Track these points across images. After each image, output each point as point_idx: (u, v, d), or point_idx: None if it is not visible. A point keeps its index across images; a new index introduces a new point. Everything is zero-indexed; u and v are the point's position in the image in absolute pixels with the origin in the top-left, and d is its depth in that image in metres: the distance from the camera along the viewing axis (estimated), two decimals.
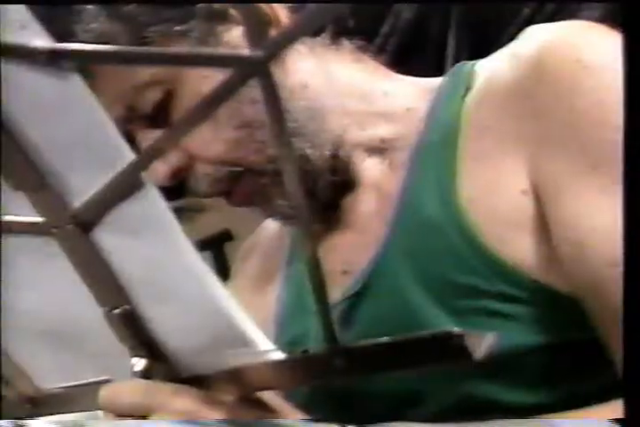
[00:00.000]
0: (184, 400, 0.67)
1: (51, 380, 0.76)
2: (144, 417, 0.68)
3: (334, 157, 0.94)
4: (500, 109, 0.86)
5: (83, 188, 0.63)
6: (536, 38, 0.86)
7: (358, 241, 0.94)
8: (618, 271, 0.77)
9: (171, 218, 0.62)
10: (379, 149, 0.95)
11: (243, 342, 0.65)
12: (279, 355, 0.65)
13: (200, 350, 0.67)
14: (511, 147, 0.85)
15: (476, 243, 0.84)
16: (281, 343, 0.90)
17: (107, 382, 0.72)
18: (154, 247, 0.62)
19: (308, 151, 0.92)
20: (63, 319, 0.71)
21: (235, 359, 0.66)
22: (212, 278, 0.63)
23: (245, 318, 0.65)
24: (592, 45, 0.83)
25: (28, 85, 0.57)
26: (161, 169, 0.91)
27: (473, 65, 0.94)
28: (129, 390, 0.69)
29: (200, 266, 0.63)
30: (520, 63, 0.85)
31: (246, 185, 0.92)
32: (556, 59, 0.83)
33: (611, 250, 0.77)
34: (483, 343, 0.55)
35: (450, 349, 0.55)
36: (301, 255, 0.88)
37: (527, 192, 0.83)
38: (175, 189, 1.05)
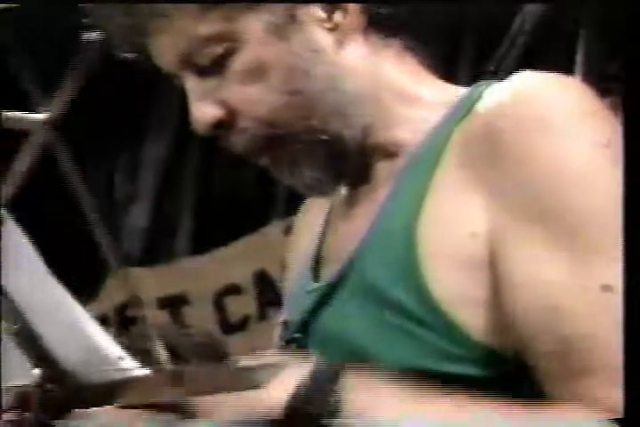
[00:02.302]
0: None
1: None
2: None
3: (362, 146, 0.99)
4: (474, 148, 0.90)
5: None
6: (517, 87, 0.90)
7: (350, 234, 0.99)
8: (544, 317, 0.83)
9: (32, 252, 0.70)
10: (390, 152, 0.99)
11: (107, 360, 0.73)
12: (142, 372, 0.72)
13: (82, 365, 0.75)
14: (473, 187, 0.89)
15: (413, 271, 0.89)
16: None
17: None
18: (24, 279, 0.71)
19: (344, 132, 0.97)
20: None
21: (103, 375, 0.73)
22: (74, 305, 0.71)
23: (108, 340, 0.72)
24: (559, 105, 0.87)
25: None
26: (203, 119, 0.96)
27: (485, 88, 0.95)
28: None
29: (61, 294, 0.71)
30: (498, 110, 0.90)
31: (280, 149, 0.97)
32: (524, 115, 0.87)
33: (538, 298, 0.84)
34: (268, 376, 0.60)
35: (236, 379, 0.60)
36: None
37: (476, 235, 0.88)
38: None
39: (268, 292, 2.70)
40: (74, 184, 0.63)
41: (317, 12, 0.95)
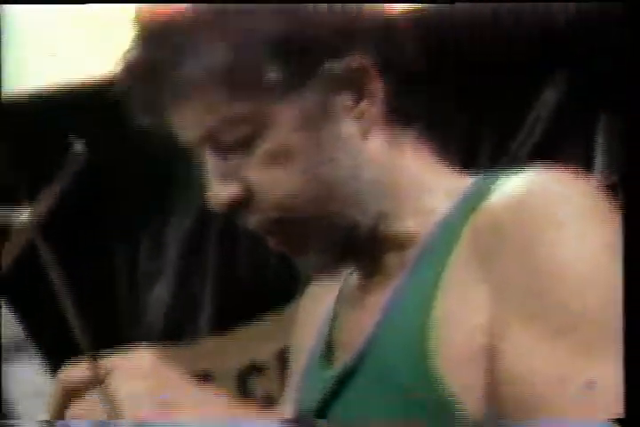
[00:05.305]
0: None
1: None
2: None
3: (374, 234, 1.01)
4: (482, 243, 0.94)
5: None
6: (526, 185, 0.93)
7: (362, 324, 1.01)
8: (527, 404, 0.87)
9: None
10: (401, 243, 1.02)
11: None
12: None
13: None
14: (480, 281, 0.92)
15: (425, 364, 0.92)
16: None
17: None
18: None
19: (359, 219, 1.00)
20: None
21: None
22: None
23: None
24: (564, 204, 0.91)
25: None
26: (221, 196, 0.98)
27: (494, 180, 0.98)
28: None
29: None
30: (505, 206, 0.93)
31: (290, 230, 0.99)
32: (529, 212, 0.91)
33: (525, 388, 0.86)
34: None
35: None
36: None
37: (480, 329, 0.91)
38: None
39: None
40: (53, 280, 0.67)
41: (345, 100, 0.98)
